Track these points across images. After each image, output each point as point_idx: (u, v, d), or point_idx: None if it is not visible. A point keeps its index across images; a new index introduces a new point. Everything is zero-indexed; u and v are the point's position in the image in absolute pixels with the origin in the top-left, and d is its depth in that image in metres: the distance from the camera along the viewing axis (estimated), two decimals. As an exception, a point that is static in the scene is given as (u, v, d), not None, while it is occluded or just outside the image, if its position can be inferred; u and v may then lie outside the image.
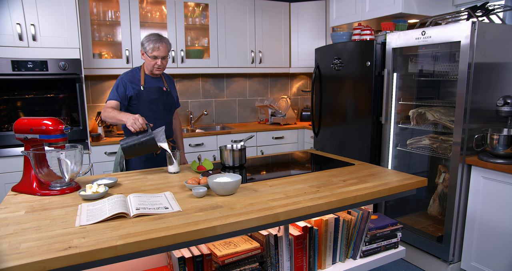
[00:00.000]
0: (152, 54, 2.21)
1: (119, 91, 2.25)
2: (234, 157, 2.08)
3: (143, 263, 1.48)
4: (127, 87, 2.27)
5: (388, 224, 1.88)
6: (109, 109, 2.14)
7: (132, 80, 2.30)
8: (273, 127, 4.02)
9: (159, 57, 2.23)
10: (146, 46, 2.22)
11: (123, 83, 2.27)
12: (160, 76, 2.42)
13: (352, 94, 3.10)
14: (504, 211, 2.18)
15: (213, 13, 3.78)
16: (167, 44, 2.26)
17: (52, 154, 1.61)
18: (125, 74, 2.32)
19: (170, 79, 2.50)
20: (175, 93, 2.49)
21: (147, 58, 2.26)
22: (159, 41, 2.21)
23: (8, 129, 2.88)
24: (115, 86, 2.28)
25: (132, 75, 2.32)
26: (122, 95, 2.25)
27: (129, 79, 2.29)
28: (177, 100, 2.50)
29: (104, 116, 2.17)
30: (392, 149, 2.89)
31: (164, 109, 2.38)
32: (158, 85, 2.37)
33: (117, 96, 2.24)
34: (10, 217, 1.35)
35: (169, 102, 2.41)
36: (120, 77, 2.31)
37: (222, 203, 1.48)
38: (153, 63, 2.25)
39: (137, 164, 2.35)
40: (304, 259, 1.65)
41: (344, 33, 3.27)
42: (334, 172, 1.98)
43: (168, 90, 2.40)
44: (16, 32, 2.78)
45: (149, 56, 2.23)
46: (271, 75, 4.58)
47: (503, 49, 2.37)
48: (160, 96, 2.35)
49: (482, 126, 2.39)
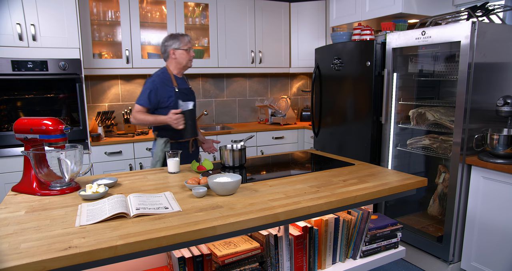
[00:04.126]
0: (187, 47, 2.38)
1: (151, 99, 2.33)
2: (234, 157, 2.08)
3: (143, 263, 1.48)
4: (158, 92, 2.34)
5: (388, 224, 1.88)
6: (141, 115, 2.31)
7: (164, 81, 2.38)
8: (273, 127, 4.02)
9: (190, 49, 2.40)
10: (175, 44, 2.37)
11: (155, 89, 2.33)
12: (183, 76, 2.53)
13: (352, 94, 3.10)
14: (504, 211, 2.18)
15: (213, 13, 3.78)
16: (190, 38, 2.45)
17: (52, 154, 1.61)
18: (156, 77, 2.38)
19: (186, 78, 2.61)
20: None
21: (181, 53, 2.38)
22: (184, 35, 2.42)
23: (8, 129, 2.88)
24: (147, 92, 2.32)
25: (163, 77, 2.39)
26: (153, 103, 2.34)
27: (161, 81, 2.36)
28: None
29: (137, 120, 2.32)
30: (392, 149, 2.89)
31: (194, 107, 2.50)
32: (186, 86, 2.50)
33: (148, 104, 2.33)
34: (10, 217, 1.35)
35: (194, 101, 2.55)
36: (151, 81, 2.35)
37: (222, 203, 1.48)
38: (188, 56, 2.40)
39: None
40: (304, 259, 1.65)
41: (344, 33, 3.27)
42: (334, 172, 1.98)
43: (192, 89, 2.56)
44: (16, 32, 2.78)
45: (184, 50, 2.38)
46: (271, 75, 4.58)
47: (503, 49, 2.37)
48: (191, 96, 2.50)
49: (482, 126, 2.39)
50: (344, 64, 3.14)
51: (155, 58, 3.63)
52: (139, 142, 3.32)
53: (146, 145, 3.35)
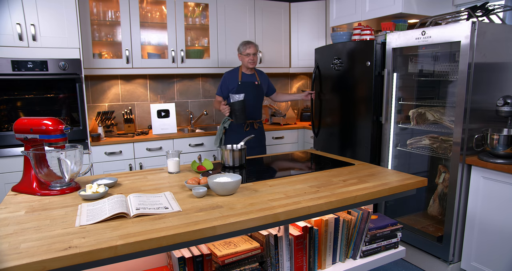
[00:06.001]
0: (246, 52, 3.12)
1: (223, 90, 3.24)
2: (234, 157, 2.08)
3: (143, 263, 1.48)
4: (226, 83, 3.21)
5: (388, 224, 1.88)
6: (216, 103, 3.31)
7: (231, 77, 3.21)
8: (273, 127, 4.02)
9: (251, 54, 3.12)
10: (241, 49, 3.15)
11: (224, 81, 3.23)
12: (254, 73, 3.27)
13: (352, 94, 3.10)
14: (504, 211, 2.18)
15: (213, 13, 3.78)
16: (255, 45, 3.16)
17: (52, 154, 1.61)
18: (226, 73, 3.27)
19: (261, 73, 3.35)
20: (265, 85, 3.36)
21: (243, 58, 3.16)
22: (249, 43, 3.15)
23: (8, 129, 2.88)
24: (220, 84, 3.26)
25: (232, 73, 3.24)
26: (224, 92, 3.24)
27: (228, 77, 3.23)
28: (268, 88, 3.42)
29: (214, 106, 3.59)
30: (392, 149, 2.89)
31: (253, 97, 3.22)
32: (251, 80, 3.24)
33: (221, 93, 3.27)
34: (10, 217, 1.35)
35: (258, 93, 3.27)
36: (223, 76, 3.26)
37: (222, 203, 1.48)
38: (247, 59, 3.14)
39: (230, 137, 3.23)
40: (304, 259, 1.65)
41: (344, 33, 3.27)
42: (334, 172, 1.98)
43: (259, 84, 3.27)
44: (16, 32, 2.78)
45: (244, 55, 3.14)
46: (271, 75, 4.57)
47: (503, 49, 2.37)
48: (252, 89, 3.22)
49: (482, 126, 2.39)
50: (344, 64, 3.13)
51: (155, 58, 3.64)
52: (139, 142, 3.32)
53: (146, 145, 3.35)
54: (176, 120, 3.71)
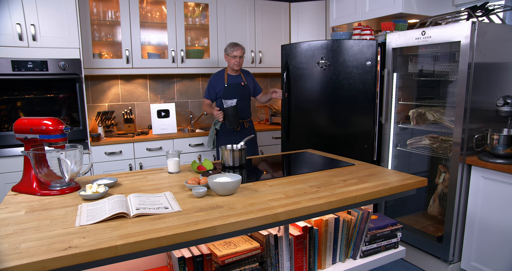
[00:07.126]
0: (233, 54, 3.13)
1: (210, 93, 3.28)
2: (234, 157, 2.08)
3: (143, 263, 1.48)
4: (213, 86, 3.24)
5: (388, 224, 1.88)
6: (205, 106, 3.34)
7: (217, 80, 3.24)
8: (273, 127, 4.02)
9: (237, 56, 3.14)
10: (228, 50, 3.15)
11: (211, 84, 3.26)
12: (240, 74, 3.29)
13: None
14: (504, 211, 2.18)
15: (213, 13, 3.78)
16: (242, 48, 3.17)
17: (52, 154, 1.61)
18: (213, 76, 3.29)
19: (247, 73, 3.38)
20: (251, 84, 3.38)
21: (229, 59, 3.16)
22: (237, 45, 3.16)
23: (8, 129, 2.88)
24: (207, 87, 3.30)
25: (218, 76, 3.26)
26: (212, 95, 3.28)
27: (215, 79, 3.25)
28: (254, 88, 3.42)
29: (203, 110, 3.58)
30: (392, 149, 2.89)
31: (241, 98, 3.25)
32: (237, 81, 3.26)
33: (208, 96, 3.31)
34: (10, 217, 1.35)
35: (245, 93, 3.30)
36: (210, 79, 3.28)
37: (222, 203, 1.48)
38: (233, 61, 3.15)
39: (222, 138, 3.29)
40: (304, 259, 1.65)
41: (344, 33, 3.27)
42: (334, 172, 1.98)
43: (245, 84, 3.30)
44: (16, 32, 2.78)
45: (231, 56, 3.15)
46: (271, 75, 4.58)
47: (503, 49, 2.37)
48: (238, 90, 3.25)
49: (482, 126, 2.39)
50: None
51: (155, 58, 3.63)
52: (139, 142, 3.32)
53: (146, 145, 3.35)
54: (176, 120, 3.71)
